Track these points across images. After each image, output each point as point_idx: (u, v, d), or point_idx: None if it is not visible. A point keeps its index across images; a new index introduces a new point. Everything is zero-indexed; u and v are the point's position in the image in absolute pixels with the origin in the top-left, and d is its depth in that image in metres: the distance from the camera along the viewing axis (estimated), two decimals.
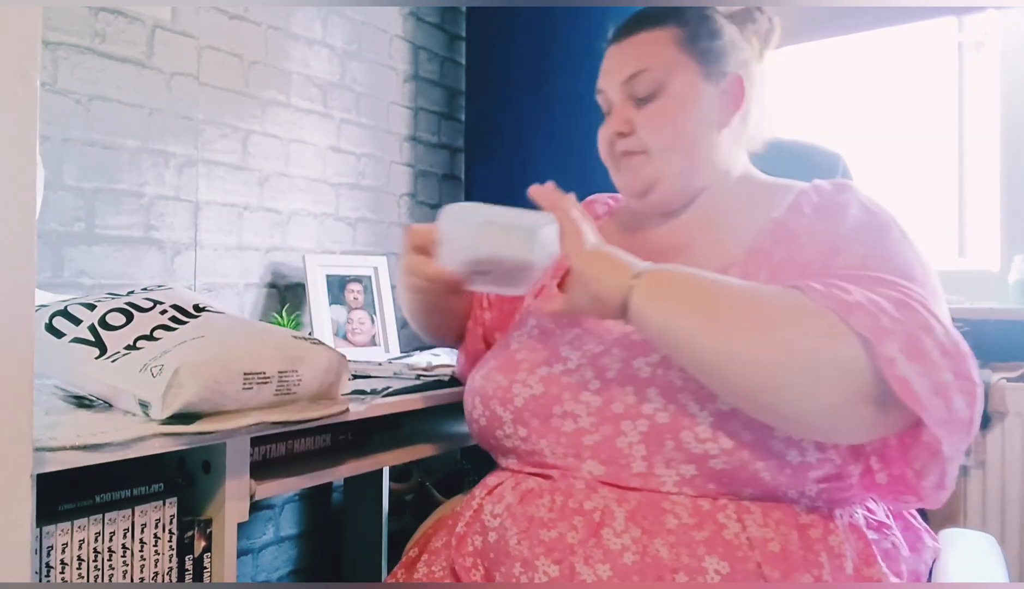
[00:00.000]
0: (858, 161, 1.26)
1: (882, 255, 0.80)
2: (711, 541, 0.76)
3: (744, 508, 0.78)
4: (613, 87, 0.97)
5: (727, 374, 0.74)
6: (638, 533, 0.77)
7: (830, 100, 2.00)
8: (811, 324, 0.71)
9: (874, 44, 1.92)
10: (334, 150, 1.86)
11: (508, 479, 0.90)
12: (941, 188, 1.87)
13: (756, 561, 0.74)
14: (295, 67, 1.76)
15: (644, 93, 0.94)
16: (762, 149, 1.03)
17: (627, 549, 0.77)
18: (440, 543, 0.93)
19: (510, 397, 0.90)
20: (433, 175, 2.16)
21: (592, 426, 0.84)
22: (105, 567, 0.79)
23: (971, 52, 1.85)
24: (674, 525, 0.77)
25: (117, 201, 1.42)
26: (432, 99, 2.15)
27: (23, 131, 0.61)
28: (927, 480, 0.76)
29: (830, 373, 0.70)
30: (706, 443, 0.78)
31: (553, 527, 0.81)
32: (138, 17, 1.45)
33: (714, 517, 0.77)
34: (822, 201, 0.90)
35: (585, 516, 0.80)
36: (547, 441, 0.87)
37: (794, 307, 0.73)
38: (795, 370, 0.71)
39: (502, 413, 0.90)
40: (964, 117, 1.85)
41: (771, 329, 0.72)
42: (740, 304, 0.75)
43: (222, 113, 1.60)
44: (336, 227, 1.87)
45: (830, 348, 0.70)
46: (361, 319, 1.77)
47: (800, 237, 0.87)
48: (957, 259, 1.84)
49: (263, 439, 1.01)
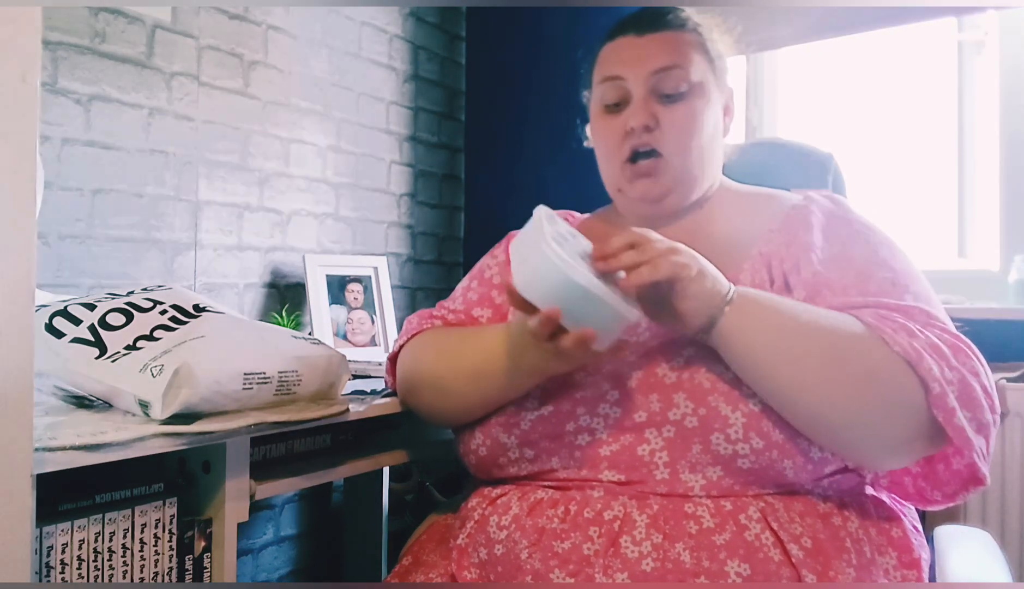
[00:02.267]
0: (858, 161, 1.26)
1: (903, 282, 0.84)
2: (732, 544, 0.75)
3: (769, 505, 0.78)
4: (638, 77, 0.92)
5: (802, 407, 0.77)
6: (659, 539, 0.76)
7: (830, 100, 2.00)
8: (887, 370, 0.75)
9: (874, 44, 1.92)
10: (334, 150, 1.86)
11: (513, 490, 0.88)
12: (941, 188, 1.87)
13: (778, 560, 0.74)
14: (295, 67, 1.76)
15: (672, 90, 0.91)
16: (733, 157, 1.05)
17: (646, 556, 0.75)
18: (436, 555, 0.92)
19: (516, 421, 0.87)
20: (433, 175, 2.16)
21: (610, 437, 0.82)
22: (105, 567, 0.79)
23: (971, 52, 1.85)
24: (695, 530, 0.77)
25: (117, 201, 1.42)
26: (432, 99, 2.15)
27: (23, 131, 0.61)
28: (941, 491, 0.84)
29: (899, 415, 0.75)
30: (736, 444, 0.78)
31: (567, 538, 0.79)
32: (138, 17, 1.45)
33: (736, 518, 0.77)
34: (828, 219, 0.90)
35: (603, 525, 0.79)
36: (559, 457, 0.85)
37: (870, 350, 0.76)
38: (868, 412, 0.76)
39: (506, 439, 0.88)
40: (964, 117, 1.85)
41: (850, 372, 0.75)
42: (822, 343, 0.77)
43: (222, 113, 1.60)
44: (336, 227, 1.87)
45: (901, 394, 0.75)
46: (361, 319, 1.77)
47: (811, 251, 0.87)
48: (957, 259, 1.84)
49: (263, 439, 1.01)
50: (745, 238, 0.92)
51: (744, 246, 0.92)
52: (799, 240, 0.89)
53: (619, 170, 0.95)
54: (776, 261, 0.88)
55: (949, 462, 0.81)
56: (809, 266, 0.86)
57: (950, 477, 0.81)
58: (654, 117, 0.91)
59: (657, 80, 0.92)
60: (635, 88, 0.93)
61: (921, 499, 0.87)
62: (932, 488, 0.84)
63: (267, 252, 1.70)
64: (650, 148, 0.92)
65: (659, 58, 0.92)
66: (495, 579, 0.82)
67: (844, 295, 0.82)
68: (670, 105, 0.92)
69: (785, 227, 0.91)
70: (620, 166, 0.95)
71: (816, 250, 0.87)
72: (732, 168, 1.06)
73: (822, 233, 0.89)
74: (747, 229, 0.93)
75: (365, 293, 1.79)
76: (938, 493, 0.84)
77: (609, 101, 0.95)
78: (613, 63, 0.95)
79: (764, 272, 0.88)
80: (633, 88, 0.93)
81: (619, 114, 0.94)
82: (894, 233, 0.93)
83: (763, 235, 0.92)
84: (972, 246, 1.84)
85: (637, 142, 0.92)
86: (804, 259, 0.86)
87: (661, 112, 0.91)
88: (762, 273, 0.88)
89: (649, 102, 0.92)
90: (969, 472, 0.79)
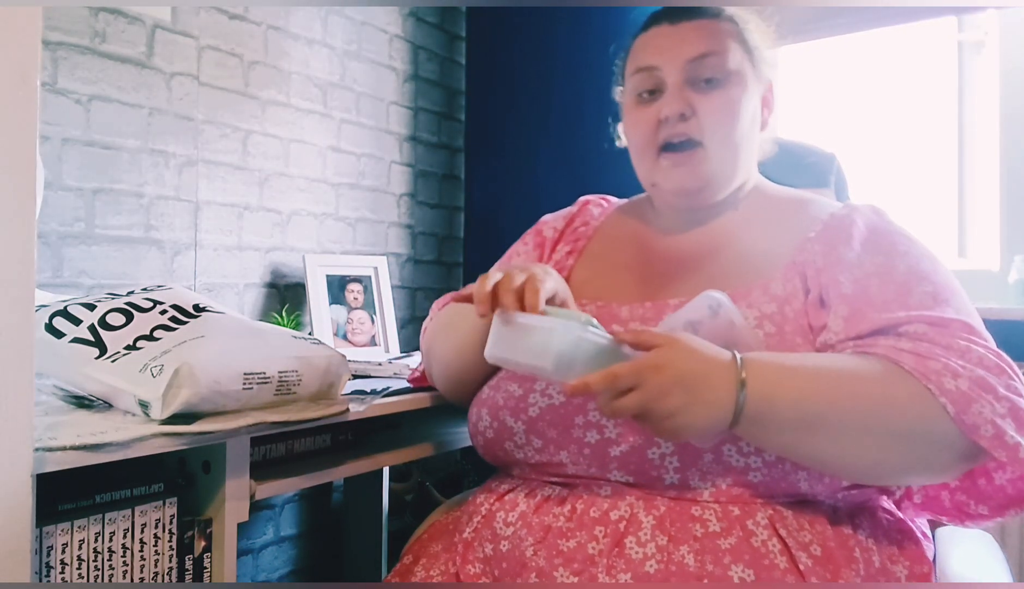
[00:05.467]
0: (858, 161, 1.26)
1: (944, 296, 0.80)
2: (737, 549, 0.74)
3: (778, 512, 0.77)
4: (674, 65, 0.89)
5: (847, 472, 0.77)
6: (664, 541, 0.75)
7: (830, 100, 2.00)
8: (932, 419, 0.71)
9: (874, 44, 1.92)
10: (334, 150, 1.86)
11: (520, 486, 0.88)
12: (941, 188, 1.87)
13: (784, 567, 0.73)
14: (295, 67, 1.76)
15: (709, 76, 0.88)
16: (770, 155, 1.02)
17: (650, 558, 0.75)
18: (439, 547, 0.91)
19: (524, 407, 0.86)
20: (433, 175, 2.16)
21: (619, 437, 0.81)
22: (105, 567, 0.79)
23: (971, 52, 1.85)
24: (701, 533, 0.76)
25: (117, 201, 1.42)
26: (432, 99, 2.15)
27: (23, 131, 0.61)
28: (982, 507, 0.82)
29: (948, 457, 0.74)
30: (749, 457, 0.77)
31: (572, 537, 0.79)
32: (138, 17, 1.45)
33: (743, 523, 0.76)
34: (870, 231, 0.87)
35: (608, 525, 0.78)
36: (567, 452, 0.84)
37: (912, 402, 0.72)
38: (916, 461, 0.74)
39: (513, 424, 0.87)
40: (964, 117, 1.85)
41: (893, 430, 0.72)
42: (857, 408, 0.73)
43: (222, 113, 1.60)
44: (336, 227, 1.87)
45: (948, 438, 0.72)
46: (361, 319, 1.77)
47: (850, 265, 0.83)
48: (957, 259, 1.83)
49: (263, 439, 1.01)
50: (778, 246, 0.89)
51: (777, 254, 0.89)
52: (836, 251, 0.85)
53: (653, 162, 0.92)
54: (812, 271, 0.85)
55: (991, 476, 0.79)
56: (850, 281, 0.82)
57: (993, 491, 0.80)
58: (690, 105, 0.88)
59: (692, 68, 0.89)
60: (670, 76, 0.90)
61: (960, 514, 0.83)
62: (976, 502, 0.82)
63: (267, 252, 1.70)
64: (686, 137, 0.89)
65: (695, 45, 0.89)
66: (499, 575, 0.81)
67: (885, 309, 0.79)
68: (706, 93, 0.88)
69: (822, 236, 0.87)
70: (654, 158, 0.92)
71: (855, 264, 0.83)
72: None
73: (862, 245, 0.85)
74: (781, 236, 0.90)
75: (365, 293, 1.79)
76: (983, 507, 0.81)
77: (643, 89, 0.92)
78: (647, 52, 0.92)
79: (797, 281, 0.85)
80: (668, 77, 0.90)
81: (653, 103, 0.91)
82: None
83: (798, 243, 0.88)
84: (972, 246, 1.84)
85: (671, 131, 0.89)
86: (844, 273, 0.83)
87: (697, 100, 0.88)
88: (795, 282, 0.85)
89: (684, 90, 0.89)
90: (1015, 488, 0.78)
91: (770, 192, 0.98)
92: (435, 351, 1.05)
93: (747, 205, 0.96)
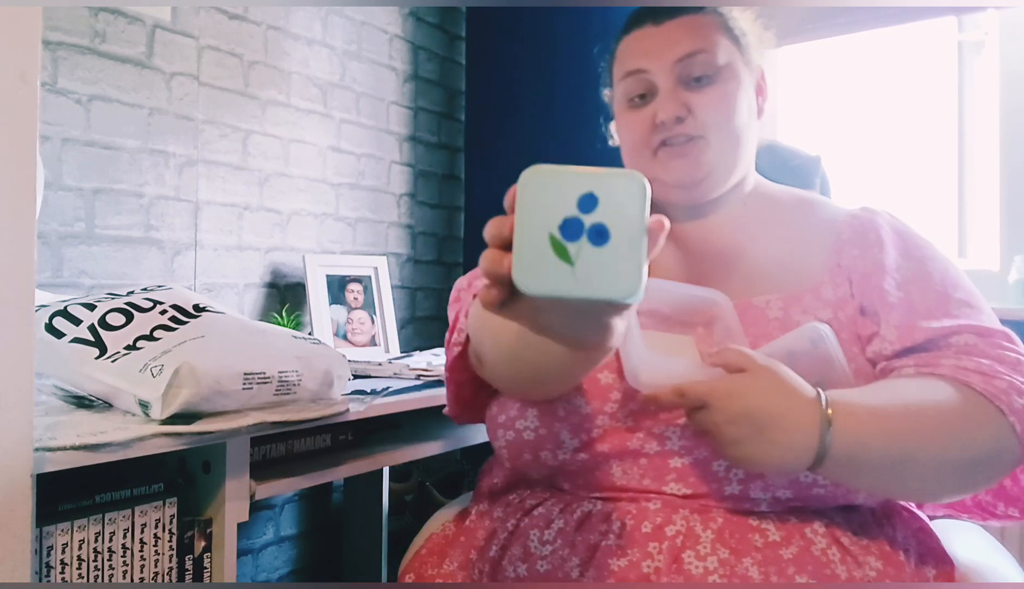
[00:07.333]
0: (858, 161, 1.25)
1: (976, 303, 0.81)
2: (800, 559, 0.72)
3: (832, 520, 0.76)
4: (662, 67, 0.87)
5: (921, 497, 0.80)
6: (726, 554, 0.72)
7: (830, 100, 2.00)
8: (1002, 441, 0.72)
9: (874, 44, 1.92)
10: (334, 150, 1.86)
11: (550, 500, 0.83)
12: (941, 188, 1.87)
13: (845, 577, 0.72)
14: (295, 67, 1.76)
15: (700, 74, 0.86)
16: (762, 145, 0.99)
17: (712, 572, 0.71)
18: (454, 565, 0.85)
19: (588, 428, 0.80)
20: (433, 175, 2.16)
21: (683, 449, 0.77)
22: (105, 567, 0.79)
23: (971, 52, 1.85)
24: (761, 543, 0.73)
25: (117, 201, 1.42)
26: (432, 99, 2.15)
27: (23, 131, 0.61)
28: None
29: (1004, 471, 0.76)
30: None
31: (623, 555, 0.74)
32: (138, 17, 1.45)
33: (802, 532, 0.74)
34: (898, 236, 0.86)
35: (664, 541, 0.74)
36: (620, 463, 0.79)
37: (983, 425, 0.72)
38: (980, 483, 0.77)
39: (567, 439, 0.80)
40: (964, 117, 1.85)
41: (969, 457, 0.72)
42: (943, 441, 0.72)
43: (222, 113, 1.60)
44: (336, 227, 1.87)
45: (1010, 455, 0.73)
46: (361, 319, 1.77)
47: (890, 272, 0.82)
48: (957, 259, 1.84)
49: (263, 439, 1.01)
50: (808, 247, 0.87)
51: (812, 256, 0.86)
52: (872, 256, 0.83)
53: (651, 159, 0.89)
54: (857, 277, 0.84)
55: (1017, 478, 0.80)
56: (894, 288, 0.81)
57: (1020, 491, 0.81)
58: (685, 106, 0.86)
59: (682, 67, 0.86)
60: (660, 79, 0.87)
61: (982, 511, 0.84)
62: (1005, 504, 0.83)
63: (267, 252, 1.70)
64: (685, 137, 0.87)
65: (682, 45, 0.87)
66: None
67: (932, 317, 0.78)
68: (700, 90, 0.86)
69: (854, 239, 0.86)
70: (651, 155, 0.89)
71: (895, 270, 0.82)
72: None
73: (896, 251, 0.84)
74: (808, 237, 0.88)
75: (365, 293, 1.79)
76: (1014, 510, 0.82)
77: (633, 94, 0.90)
78: (634, 56, 0.90)
79: (847, 287, 0.83)
80: (658, 79, 0.88)
81: (645, 106, 0.89)
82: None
83: (832, 245, 0.86)
84: (972, 246, 1.84)
85: (668, 135, 0.87)
86: (887, 280, 0.82)
87: (692, 99, 0.86)
88: (845, 287, 0.83)
89: (677, 92, 0.87)
90: None
91: (773, 191, 0.96)
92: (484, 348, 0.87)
93: (754, 203, 0.93)
